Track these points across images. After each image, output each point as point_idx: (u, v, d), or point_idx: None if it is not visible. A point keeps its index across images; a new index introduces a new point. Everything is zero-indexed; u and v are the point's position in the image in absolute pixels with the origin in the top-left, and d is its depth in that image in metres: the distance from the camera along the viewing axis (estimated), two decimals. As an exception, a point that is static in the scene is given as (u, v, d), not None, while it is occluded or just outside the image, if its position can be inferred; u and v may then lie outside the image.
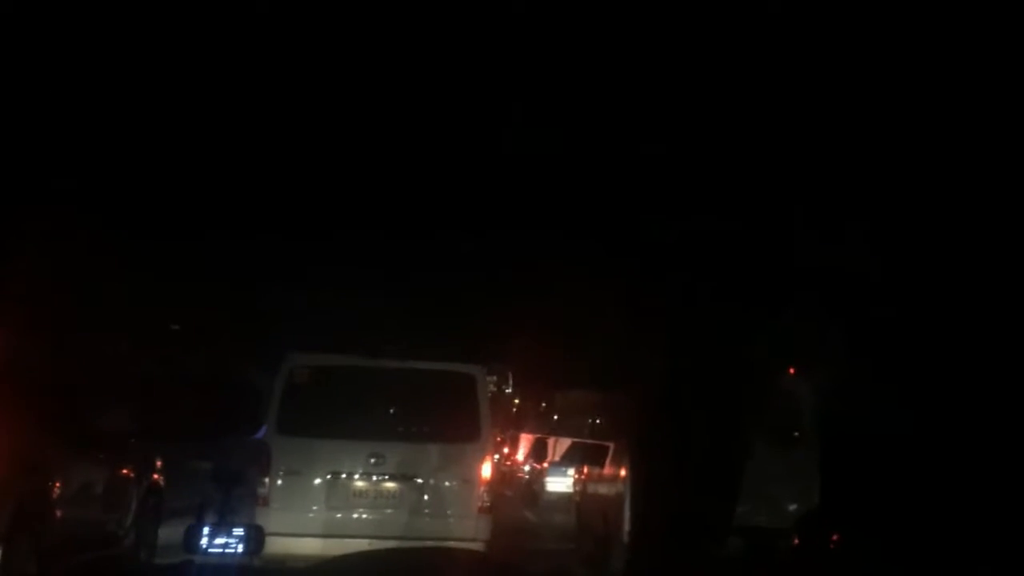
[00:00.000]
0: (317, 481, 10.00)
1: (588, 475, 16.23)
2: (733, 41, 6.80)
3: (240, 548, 8.89)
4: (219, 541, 9.25)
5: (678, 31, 6.79)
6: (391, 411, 10.54)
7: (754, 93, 7.09)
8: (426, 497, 10.10)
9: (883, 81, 6.92)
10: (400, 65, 7.35)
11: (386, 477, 10.10)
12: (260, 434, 10.76)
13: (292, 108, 7.77)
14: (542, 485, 22.91)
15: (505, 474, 23.27)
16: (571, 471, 21.60)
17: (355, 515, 9.98)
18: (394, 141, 8.23)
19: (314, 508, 9.94)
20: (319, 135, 8.10)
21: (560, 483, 21.93)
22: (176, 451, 12.08)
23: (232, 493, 8.67)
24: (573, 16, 6.71)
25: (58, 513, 8.61)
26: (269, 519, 9.68)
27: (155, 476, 10.71)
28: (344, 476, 10.07)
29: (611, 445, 18.08)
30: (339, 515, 9.93)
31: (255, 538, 8.39)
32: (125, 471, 10.13)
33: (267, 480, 9.82)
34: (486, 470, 10.25)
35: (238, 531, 8.58)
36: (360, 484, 10.08)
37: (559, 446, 24.38)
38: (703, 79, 7.06)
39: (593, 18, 6.73)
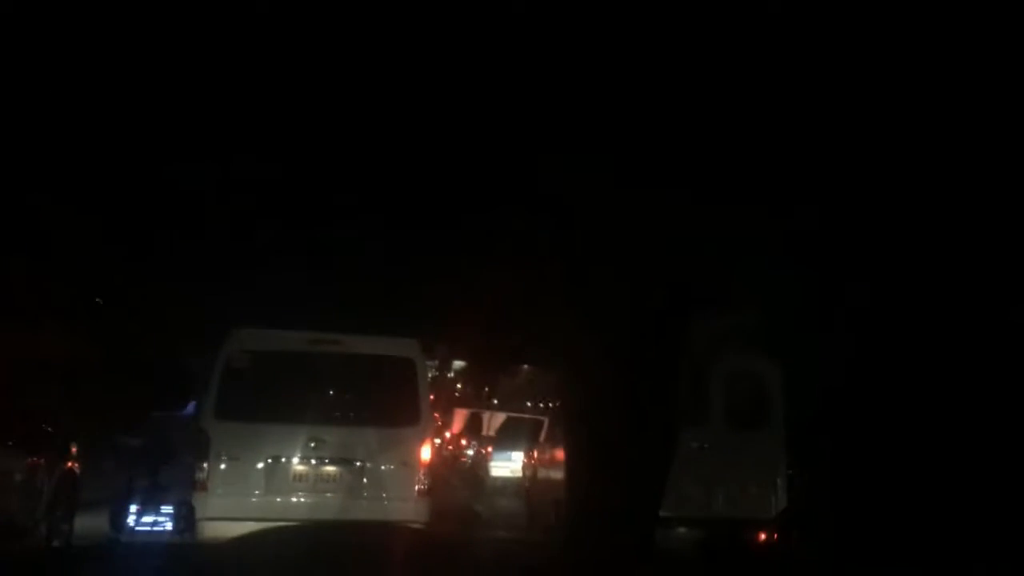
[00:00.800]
0: (257, 465, 10.00)
1: (538, 459, 16.01)
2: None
3: (169, 526, 8.80)
4: (147, 520, 9.18)
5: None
6: (331, 395, 10.55)
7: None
8: (365, 480, 10.15)
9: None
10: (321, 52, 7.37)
11: (325, 461, 10.13)
12: (188, 410, 10.68)
13: (234, 89, 7.78)
14: (486, 470, 22.84)
15: (447, 459, 23.21)
16: (516, 454, 21.66)
17: (294, 499, 10.01)
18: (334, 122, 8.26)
19: (254, 493, 9.95)
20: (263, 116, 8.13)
21: (505, 467, 22.07)
22: (102, 432, 11.85)
23: (161, 472, 8.59)
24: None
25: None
26: (208, 504, 9.70)
27: (69, 464, 10.28)
28: (284, 460, 10.07)
29: (545, 420, 18.10)
30: (279, 499, 9.96)
31: (185, 516, 8.26)
32: (35, 459, 9.75)
33: (205, 465, 9.78)
34: (425, 453, 10.33)
35: (167, 509, 8.46)
36: (300, 468, 10.10)
37: (494, 420, 24.47)
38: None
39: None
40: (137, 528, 8.79)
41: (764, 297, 9.67)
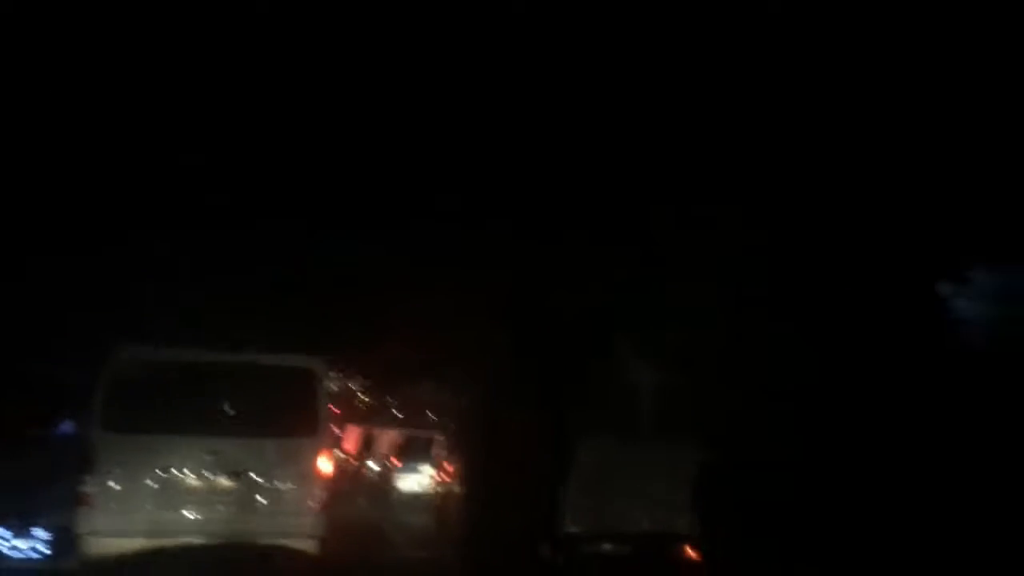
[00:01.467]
0: (145, 479, 9.60)
1: (449, 475, 15.65)
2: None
3: (47, 552, 8.31)
4: (22, 546, 8.74)
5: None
6: (226, 406, 10.18)
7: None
8: (259, 494, 9.81)
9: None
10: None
11: (219, 474, 9.77)
12: (63, 429, 10.21)
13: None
14: (392, 484, 22.54)
15: (350, 474, 22.86)
16: (423, 467, 21.52)
17: (185, 513, 9.64)
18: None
19: (142, 507, 9.54)
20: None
21: (412, 480, 21.89)
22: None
23: (39, 494, 8.17)
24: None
25: None
26: (93, 519, 9.29)
27: None
28: (174, 473, 9.70)
29: (434, 436, 17.91)
30: (168, 513, 9.57)
31: (63, 541, 7.84)
32: None
33: (89, 478, 9.37)
34: (323, 466, 10.03)
35: (41, 534, 7.97)
36: (191, 482, 9.73)
37: (386, 437, 24.27)
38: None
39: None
40: (11, 554, 8.31)
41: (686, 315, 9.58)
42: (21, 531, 7.81)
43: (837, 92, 7.16)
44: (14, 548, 7.72)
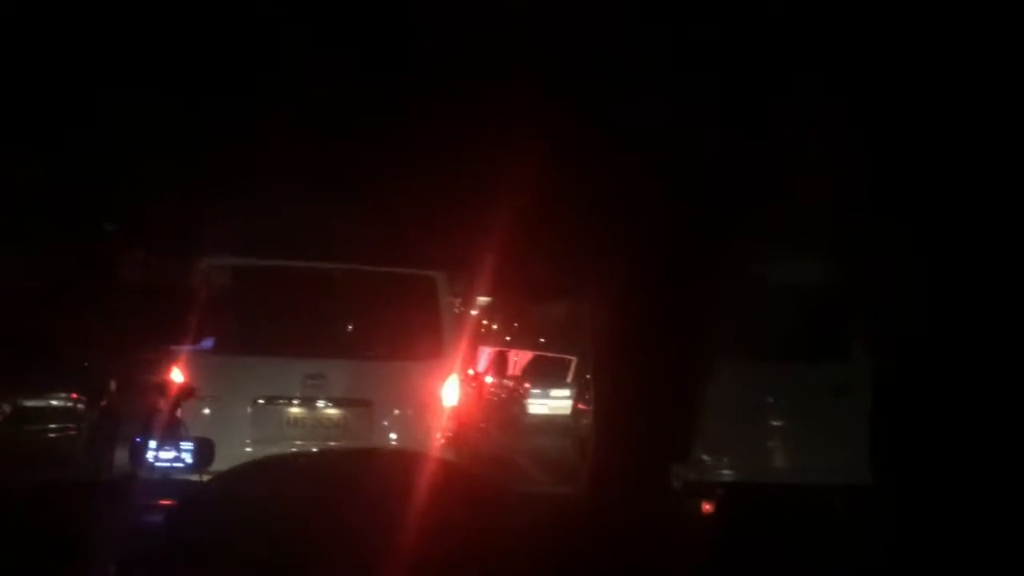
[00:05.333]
0: (241, 408, 8.24)
1: (587, 399, 14.22)
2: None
3: (189, 462, 7.78)
4: (166, 456, 8.16)
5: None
6: (333, 323, 8.72)
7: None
8: (375, 426, 8.37)
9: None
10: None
11: (327, 402, 8.38)
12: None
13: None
14: (522, 407, 21.48)
15: (479, 398, 21.79)
16: (555, 391, 20.43)
17: (288, 448, 8.20)
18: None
19: (238, 440, 8.14)
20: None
21: (543, 405, 20.98)
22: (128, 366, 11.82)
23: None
24: None
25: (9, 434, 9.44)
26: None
27: (104, 402, 10.81)
28: (275, 401, 8.36)
29: (572, 359, 16.80)
30: (269, 448, 8.12)
31: (204, 452, 7.16)
32: (76, 395, 10.57)
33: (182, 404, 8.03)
34: (450, 393, 8.49)
35: (187, 445, 7.40)
36: (295, 411, 8.37)
37: (520, 359, 23.39)
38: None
39: None
40: (157, 464, 7.78)
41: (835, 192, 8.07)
42: (168, 442, 7.29)
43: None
44: (158, 458, 7.24)
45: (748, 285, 8.92)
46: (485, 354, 23.45)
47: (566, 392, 19.55)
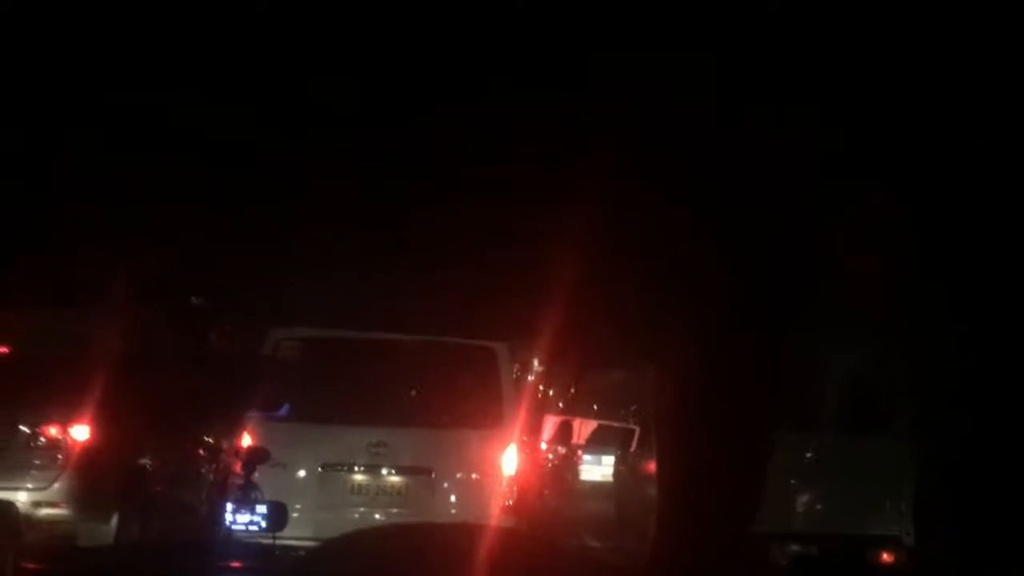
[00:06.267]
0: (305, 474, 8.45)
1: (625, 463, 15.24)
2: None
3: (264, 525, 8.07)
4: (243, 519, 8.45)
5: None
6: (396, 392, 8.91)
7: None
8: (437, 494, 8.51)
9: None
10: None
11: (389, 470, 8.53)
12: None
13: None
14: (575, 473, 21.98)
15: (539, 465, 21.90)
16: (606, 458, 20.46)
17: (352, 515, 8.39)
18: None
19: (305, 505, 8.32)
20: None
21: (595, 471, 21.60)
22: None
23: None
24: None
25: (152, 487, 10.14)
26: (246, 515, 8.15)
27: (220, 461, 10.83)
28: (339, 468, 8.54)
29: (636, 428, 17.01)
30: (332, 515, 8.32)
31: (277, 515, 7.40)
32: (199, 450, 11.03)
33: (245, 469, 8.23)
34: (510, 462, 8.61)
35: (261, 508, 7.64)
36: (358, 478, 8.54)
37: (584, 428, 23.34)
38: None
39: None
40: (233, 527, 8.09)
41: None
42: (241, 505, 7.51)
43: None
44: (235, 521, 7.48)
45: (805, 360, 9.23)
46: (550, 423, 23.52)
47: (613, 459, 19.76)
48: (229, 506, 7.73)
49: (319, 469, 8.47)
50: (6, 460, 9.35)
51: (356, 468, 8.53)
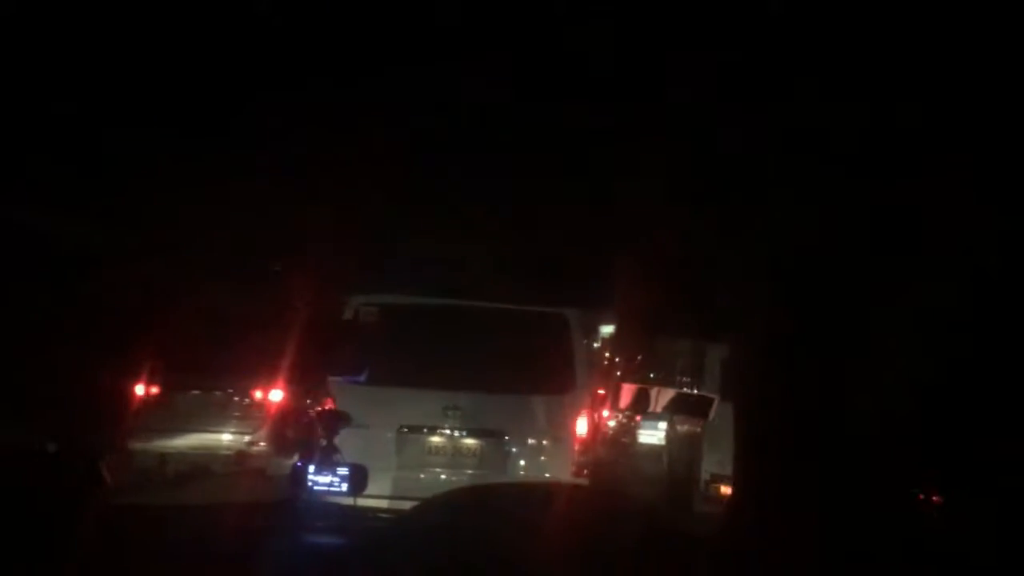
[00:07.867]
0: (386, 435, 8.70)
1: (674, 429, 16.98)
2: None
3: (344, 487, 8.31)
4: (323, 480, 8.68)
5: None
6: (471, 357, 9.11)
7: None
8: (510, 457, 8.77)
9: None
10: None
11: (465, 432, 8.79)
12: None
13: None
14: (634, 436, 22.16)
15: (609, 430, 22.24)
16: (662, 424, 20.61)
17: (429, 475, 8.67)
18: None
19: (385, 466, 8.60)
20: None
21: (652, 435, 21.42)
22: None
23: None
24: None
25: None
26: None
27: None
28: (418, 430, 8.80)
29: (714, 397, 17.18)
30: (411, 475, 8.62)
31: (358, 477, 7.66)
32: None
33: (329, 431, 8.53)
34: (582, 426, 8.85)
35: (342, 470, 7.94)
36: (435, 439, 8.80)
37: (661, 396, 23.39)
38: None
39: None
40: (315, 488, 8.34)
41: None
42: (323, 466, 7.80)
43: None
44: (316, 482, 7.75)
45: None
46: (626, 390, 23.69)
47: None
48: (311, 467, 7.99)
49: (399, 431, 8.73)
50: (230, 415, 12.76)
51: (434, 430, 8.78)
